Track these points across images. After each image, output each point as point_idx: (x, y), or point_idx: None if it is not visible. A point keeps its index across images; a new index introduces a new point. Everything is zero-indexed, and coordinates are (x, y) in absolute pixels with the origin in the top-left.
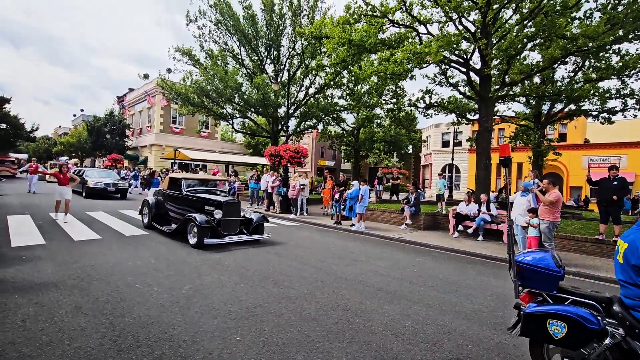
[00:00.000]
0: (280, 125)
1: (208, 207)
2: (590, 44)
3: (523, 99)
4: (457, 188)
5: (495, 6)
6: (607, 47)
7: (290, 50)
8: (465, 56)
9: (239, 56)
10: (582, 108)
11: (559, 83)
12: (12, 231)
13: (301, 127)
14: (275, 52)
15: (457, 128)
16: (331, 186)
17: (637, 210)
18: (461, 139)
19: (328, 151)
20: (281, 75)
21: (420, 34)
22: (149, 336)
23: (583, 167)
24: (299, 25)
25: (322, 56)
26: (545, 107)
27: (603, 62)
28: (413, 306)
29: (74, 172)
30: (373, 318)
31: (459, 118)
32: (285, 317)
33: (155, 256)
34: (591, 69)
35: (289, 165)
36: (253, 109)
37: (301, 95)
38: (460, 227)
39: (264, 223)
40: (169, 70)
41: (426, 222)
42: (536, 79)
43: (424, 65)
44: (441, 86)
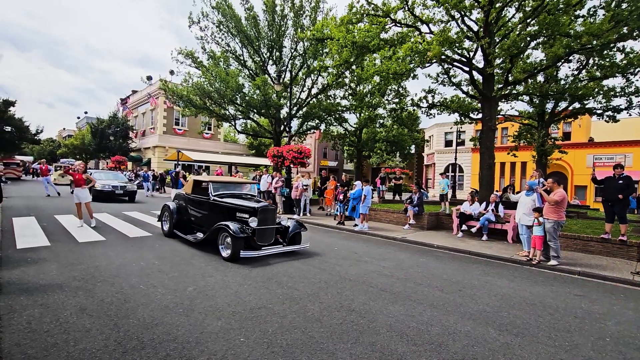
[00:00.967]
0: (282, 126)
1: (240, 215)
2: (594, 42)
3: (527, 98)
4: (461, 188)
5: (498, 4)
6: (612, 45)
7: (292, 50)
8: (468, 55)
9: (241, 57)
10: (587, 106)
11: (563, 81)
12: (17, 233)
13: (304, 128)
14: (277, 53)
15: (460, 127)
16: (334, 186)
17: None
18: (464, 139)
19: (331, 151)
20: (283, 76)
21: (422, 34)
22: (154, 337)
23: (588, 166)
24: (301, 26)
25: (324, 57)
26: (549, 106)
27: (607, 60)
28: (417, 307)
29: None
30: (377, 319)
31: (462, 117)
32: (289, 318)
33: (159, 257)
34: (595, 67)
35: (292, 165)
36: (255, 110)
37: (303, 95)
38: (464, 227)
39: (301, 231)
40: (172, 72)
41: (430, 222)
42: (540, 78)
43: (426, 64)
44: (444, 85)
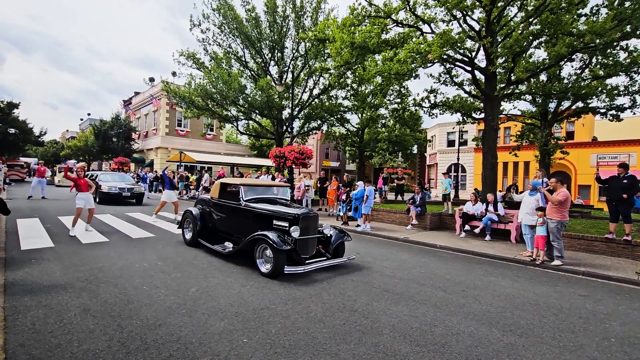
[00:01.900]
0: (284, 126)
1: (278, 223)
2: (597, 41)
3: (529, 97)
4: (463, 188)
5: (499, 3)
6: (615, 44)
7: (294, 51)
8: (470, 55)
9: (243, 59)
10: (590, 105)
11: (566, 80)
12: (22, 234)
13: (305, 129)
14: (278, 54)
15: (463, 127)
16: (336, 187)
17: None
18: (467, 139)
19: (333, 152)
20: (285, 76)
21: (424, 34)
22: (157, 338)
23: (591, 166)
24: (302, 27)
25: (326, 57)
26: (551, 105)
27: (610, 59)
28: (420, 307)
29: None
30: (380, 319)
31: (465, 117)
32: (291, 319)
33: (162, 258)
34: (598, 66)
35: (294, 166)
36: (257, 111)
37: (305, 96)
38: (467, 227)
39: (345, 240)
40: (174, 73)
41: (432, 223)
42: (542, 77)
43: (428, 64)
44: (446, 85)
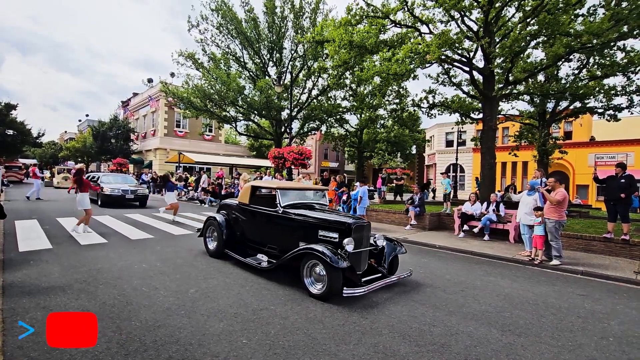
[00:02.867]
0: (283, 127)
1: (325, 233)
2: (594, 41)
3: (527, 98)
4: (462, 188)
5: (497, 4)
6: (612, 44)
7: (292, 52)
8: (468, 55)
9: (242, 59)
10: (588, 105)
11: (564, 81)
12: (20, 236)
13: (304, 129)
14: (277, 55)
15: (461, 128)
16: (335, 187)
17: None
18: (465, 139)
19: (332, 152)
20: (284, 77)
21: (422, 34)
22: (156, 339)
23: (589, 165)
24: (301, 27)
25: (324, 58)
26: (549, 105)
27: (608, 59)
28: (419, 307)
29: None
30: (379, 319)
31: (463, 117)
32: (291, 320)
33: (161, 260)
34: (596, 66)
35: (293, 167)
36: (256, 112)
37: (304, 97)
38: (465, 227)
39: (399, 253)
40: (172, 74)
41: (431, 223)
42: (540, 77)
43: (427, 65)
44: (444, 86)
